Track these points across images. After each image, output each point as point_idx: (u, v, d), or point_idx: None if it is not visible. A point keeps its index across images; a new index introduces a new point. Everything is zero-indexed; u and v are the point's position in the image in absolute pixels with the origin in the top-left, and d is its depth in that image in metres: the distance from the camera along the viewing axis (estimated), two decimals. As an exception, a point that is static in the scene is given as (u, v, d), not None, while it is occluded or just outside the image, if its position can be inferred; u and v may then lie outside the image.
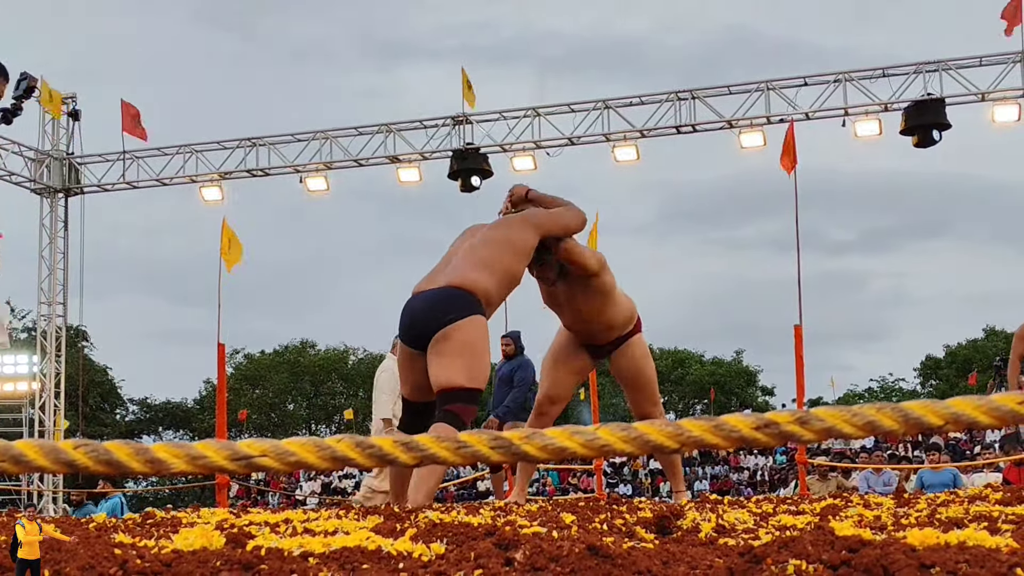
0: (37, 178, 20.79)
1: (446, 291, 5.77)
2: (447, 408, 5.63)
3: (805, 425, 1.56)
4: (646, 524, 3.45)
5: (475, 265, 5.86)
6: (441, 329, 5.67)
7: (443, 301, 5.74)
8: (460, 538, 2.94)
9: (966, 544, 2.42)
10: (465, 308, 5.72)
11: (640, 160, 18.91)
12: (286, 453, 1.61)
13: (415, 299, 5.89)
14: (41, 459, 1.59)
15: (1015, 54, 16.93)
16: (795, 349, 11.09)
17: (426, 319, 5.74)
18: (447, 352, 5.66)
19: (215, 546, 2.75)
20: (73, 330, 22.81)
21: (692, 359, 59.34)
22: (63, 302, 21.28)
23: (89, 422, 39.01)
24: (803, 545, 2.36)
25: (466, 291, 5.76)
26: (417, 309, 5.82)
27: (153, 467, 1.59)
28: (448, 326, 5.67)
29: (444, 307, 5.72)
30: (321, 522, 3.65)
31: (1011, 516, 3.43)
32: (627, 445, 1.61)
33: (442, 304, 5.73)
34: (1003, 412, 1.62)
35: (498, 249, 5.95)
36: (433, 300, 5.77)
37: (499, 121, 19.34)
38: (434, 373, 5.68)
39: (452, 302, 5.73)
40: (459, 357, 5.65)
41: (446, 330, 5.67)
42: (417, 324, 5.80)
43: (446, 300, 5.74)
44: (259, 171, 20.25)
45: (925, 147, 17.15)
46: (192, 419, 55.49)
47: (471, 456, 1.62)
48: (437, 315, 5.71)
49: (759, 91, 18.12)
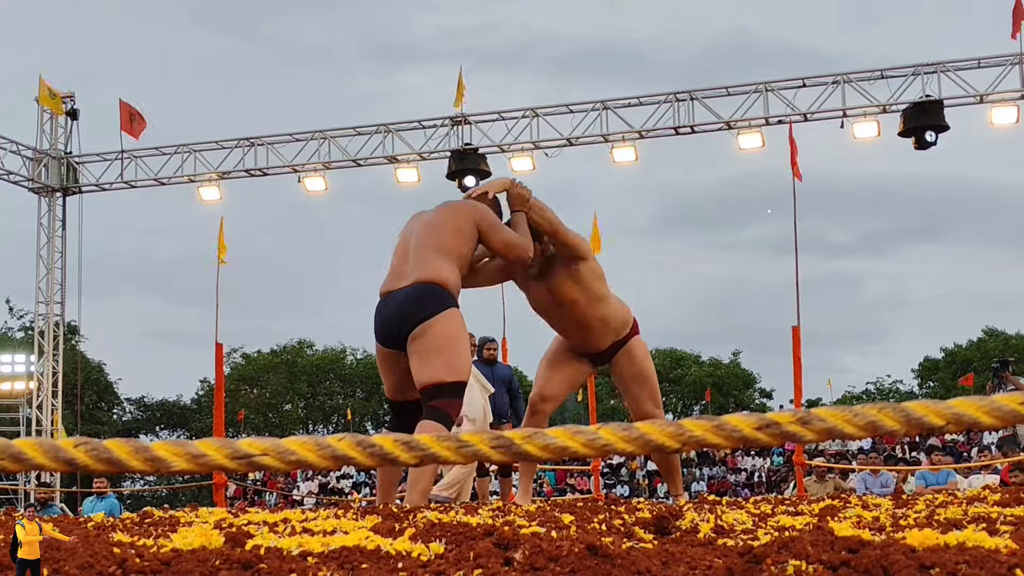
0: (35, 177, 20.78)
1: (417, 288, 5.74)
2: (432, 404, 5.63)
3: (807, 425, 1.56)
4: (645, 524, 3.45)
5: (435, 255, 5.82)
6: (417, 326, 5.66)
7: (416, 298, 5.71)
8: (459, 538, 2.94)
9: (965, 545, 2.42)
10: (439, 302, 5.71)
11: (638, 161, 18.92)
12: (287, 452, 1.61)
13: (386, 300, 5.86)
14: (41, 457, 1.59)
15: (1013, 56, 16.95)
16: (793, 350, 11.10)
17: (401, 318, 5.72)
18: (425, 349, 5.65)
19: (214, 545, 2.75)
20: (67, 326, 22.79)
21: (689, 359, 59.33)
22: (61, 301, 21.29)
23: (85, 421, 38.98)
24: (803, 545, 2.36)
25: (438, 285, 5.75)
26: (391, 310, 5.80)
27: (153, 465, 1.59)
28: (423, 323, 5.66)
29: (418, 304, 5.70)
30: (320, 522, 3.65)
31: (1010, 517, 3.44)
32: (628, 445, 1.61)
33: (416, 301, 5.71)
34: (1005, 412, 1.62)
35: (448, 235, 5.91)
36: (406, 299, 5.74)
37: (497, 122, 19.35)
38: (416, 371, 5.66)
39: (425, 298, 5.71)
40: (439, 353, 5.64)
41: (422, 327, 5.66)
42: (393, 324, 5.78)
43: (418, 297, 5.72)
44: (257, 171, 20.24)
45: (923, 149, 17.16)
46: (189, 419, 55.43)
47: (472, 455, 1.62)
48: (412, 313, 5.69)
49: (757, 92, 18.13)
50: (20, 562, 2.16)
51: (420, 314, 5.67)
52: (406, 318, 5.70)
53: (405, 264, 5.90)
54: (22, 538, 2.17)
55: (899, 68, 17.61)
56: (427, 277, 5.75)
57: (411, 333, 5.67)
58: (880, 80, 17.66)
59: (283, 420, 55.85)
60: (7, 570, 2.37)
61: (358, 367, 58.29)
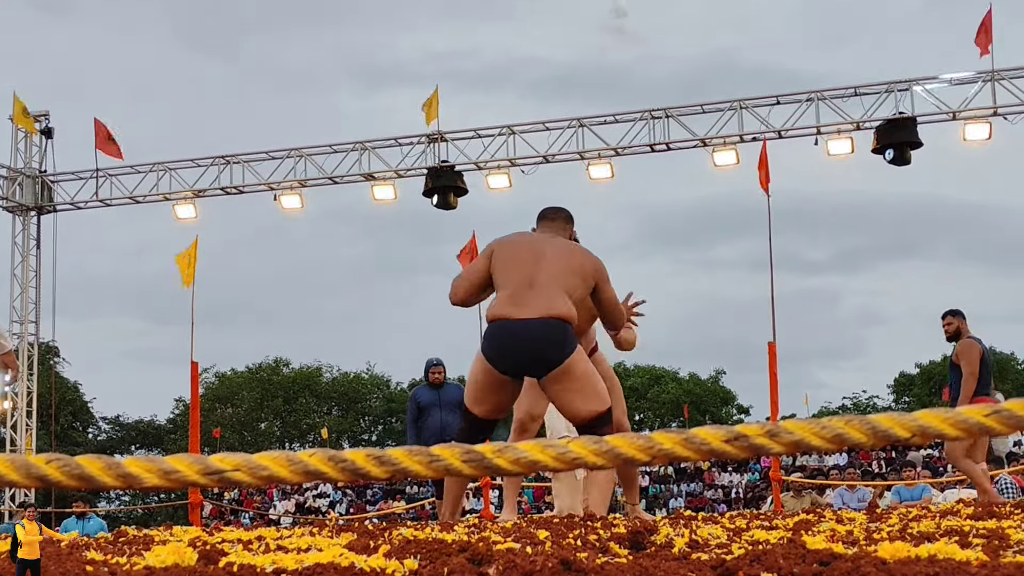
0: (9, 196, 20.67)
1: (553, 324, 5.77)
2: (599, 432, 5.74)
3: (775, 438, 1.57)
4: (620, 540, 3.46)
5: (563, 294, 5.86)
6: (559, 365, 5.76)
7: (554, 334, 5.76)
8: (434, 554, 2.94)
9: (936, 557, 2.43)
10: (572, 340, 5.84)
11: (614, 178, 18.97)
12: (259, 467, 1.61)
13: (517, 327, 5.79)
14: (13, 474, 1.59)
15: (985, 73, 17.10)
16: (769, 366, 11.16)
17: (540, 355, 5.77)
18: (577, 387, 5.80)
19: (187, 563, 2.74)
20: (44, 346, 22.64)
21: (667, 376, 59.45)
22: (35, 321, 21.15)
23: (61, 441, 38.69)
24: (775, 558, 2.37)
25: (567, 322, 5.81)
26: (524, 340, 5.77)
27: (125, 481, 1.59)
28: (566, 360, 5.76)
29: (557, 341, 5.76)
30: (295, 539, 3.64)
31: (982, 531, 3.46)
32: (599, 458, 1.62)
33: (554, 337, 5.76)
34: (970, 424, 1.64)
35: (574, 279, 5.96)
36: (542, 331, 5.76)
37: (474, 139, 19.37)
38: (572, 405, 5.82)
39: (561, 334, 5.78)
40: (590, 387, 5.83)
41: (566, 365, 5.76)
42: (523, 355, 5.78)
43: (556, 333, 5.76)
44: (233, 189, 20.19)
45: (898, 165, 17.30)
46: (164, 438, 55.15)
47: (443, 470, 1.62)
48: (552, 350, 5.75)
49: (732, 110, 18.23)
50: (20, 562, 2.16)
51: (560, 353, 5.75)
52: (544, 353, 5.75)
53: (529, 292, 5.83)
54: (22, 538, 2.17)
55: (872, 85, 17.74)
56: (559, 314, 5.77)
57: (553, 371, 5.77)
58: (854, 97, 17.78)
59: (258, 438, 55.58)
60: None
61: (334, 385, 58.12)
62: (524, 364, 5.80)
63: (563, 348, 5.74)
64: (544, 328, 5.74)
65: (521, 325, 5.74)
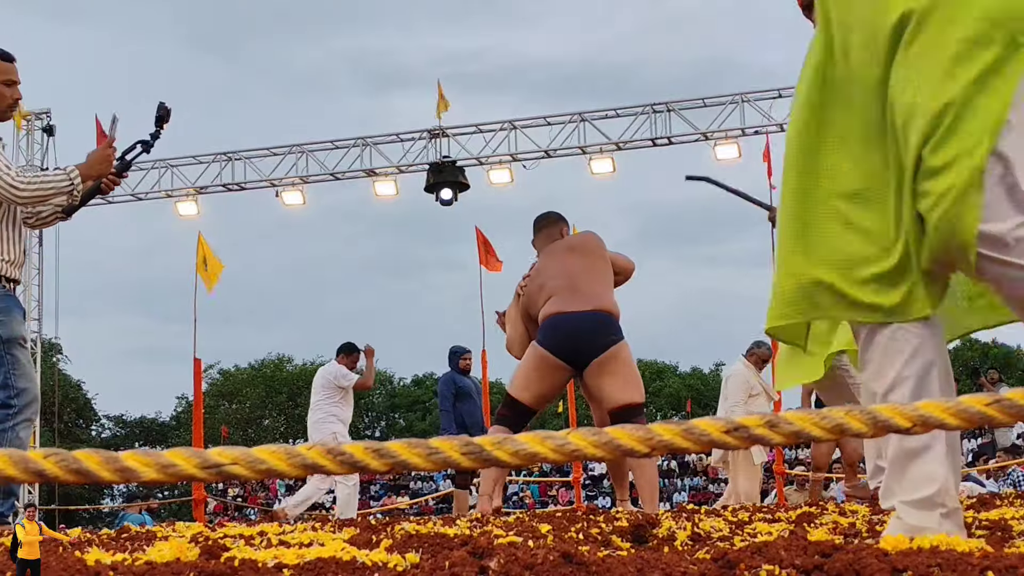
0: (11, 194, 20.65)
1: (602, 315, 6.42)
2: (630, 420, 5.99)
3: (774, 428, 1.56)
4: (622, 533, 3.46)
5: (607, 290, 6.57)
6: (608, 349, 6.34)
7: (604, 323, 6.40)
8: (435, 548, 2.94)
9: (939, 548, 2.43)
10: (619, 331, 6.48)
11: (616, 173, 18.96)
12: (256, 461, 1.60)
13: (575, 317, 6.40)
14: (11, 468, 1.58)
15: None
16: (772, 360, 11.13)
17: (593, 338, 6.36)
18: (620, 372, 6.36)
19: (188, 558, 2.74)
20: (47, 344, 22.66)
21: (669, 371, 59.47)
22: (38, 318, 21.15)
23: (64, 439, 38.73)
24: (776, 550, 2.37)
25: (614, 316, 6.49)
26: (583, 328, 6.38)
27: (123, 476, 1.58)
28: (614, 346, 6.36)
29: (607, 329, 6.38)
30: (297, 534, 3.64)
31: (984, 521, 3.45)
32: (598, 450, 1.62)
33: (604, 326, 6.39)
34: (971, 414, 1.63)
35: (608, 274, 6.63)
36: (595, 321, 6.38)
37: (476, 134, 19.36)
38: (613, 390, 6.32)
39: (611, 325, 6.44)
40: (632, 377, 6.40)
41: (613, 349, 6.36)
42: (583, 340, 6.37)
43: (606, 322, 6.42)
44: (235, 185, 20.19)
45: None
46: (168, 435, 55.20)
47: (443, 462, 1.62)
48: (603, 335, 6.36)
49: (734, 103, 18.22)
50: (20, 562, 2.16)
51: (609, 337, 6.37)
52: (597, 338, 6.36)
53: (578, 289, 6.48)
54: (22, 538, 2.17)
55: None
56: (607, 307, 6.47)
57: (600, 354, 6.34)
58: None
59: (263, 435, 55.62)
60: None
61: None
62: (577, 349, 6.37)
63: (612, 334, 6.38)
64: (595, 316, 6.40)
65: (575, 315, 6.41)
